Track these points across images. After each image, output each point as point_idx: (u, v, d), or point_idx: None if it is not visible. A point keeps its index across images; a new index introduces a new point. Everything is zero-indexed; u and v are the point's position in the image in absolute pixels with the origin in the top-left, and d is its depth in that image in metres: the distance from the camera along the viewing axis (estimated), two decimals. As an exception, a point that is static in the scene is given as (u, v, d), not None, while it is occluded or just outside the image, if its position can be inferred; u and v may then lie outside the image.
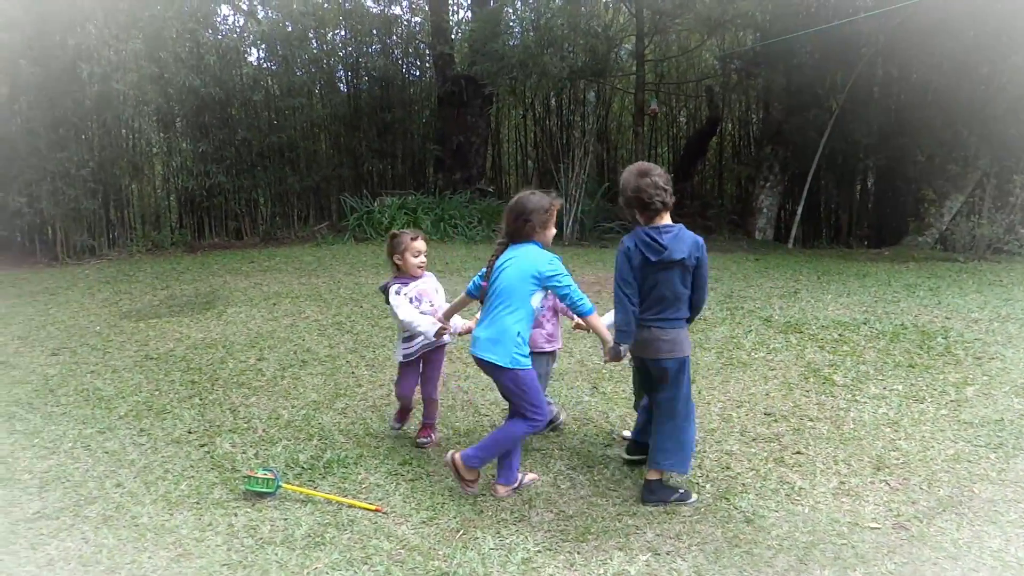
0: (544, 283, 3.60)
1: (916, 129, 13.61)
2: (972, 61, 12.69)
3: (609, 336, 3.59)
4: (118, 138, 12.93)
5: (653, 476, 3.64)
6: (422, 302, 4.24)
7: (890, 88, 15.07)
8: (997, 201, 12.05)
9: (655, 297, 3.53)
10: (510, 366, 3.57)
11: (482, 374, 5.59)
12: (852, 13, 12.54)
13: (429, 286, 4.33)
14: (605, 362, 3.91)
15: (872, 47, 13.33)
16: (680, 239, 3.49)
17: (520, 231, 3.66)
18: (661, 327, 3.54)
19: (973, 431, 4.32)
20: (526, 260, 3.60)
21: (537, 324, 4.11)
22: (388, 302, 4.20)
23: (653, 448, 3.64)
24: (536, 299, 3.66)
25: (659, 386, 3.63)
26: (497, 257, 3.69)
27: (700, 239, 3.56)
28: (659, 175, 3.53)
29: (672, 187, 3.60)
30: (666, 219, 3.55)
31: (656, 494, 3.60)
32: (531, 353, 3.75)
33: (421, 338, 4.20)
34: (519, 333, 3.60)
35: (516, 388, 3.62)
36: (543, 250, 3.68)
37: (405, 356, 4.30)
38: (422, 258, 4.26)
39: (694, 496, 3.63)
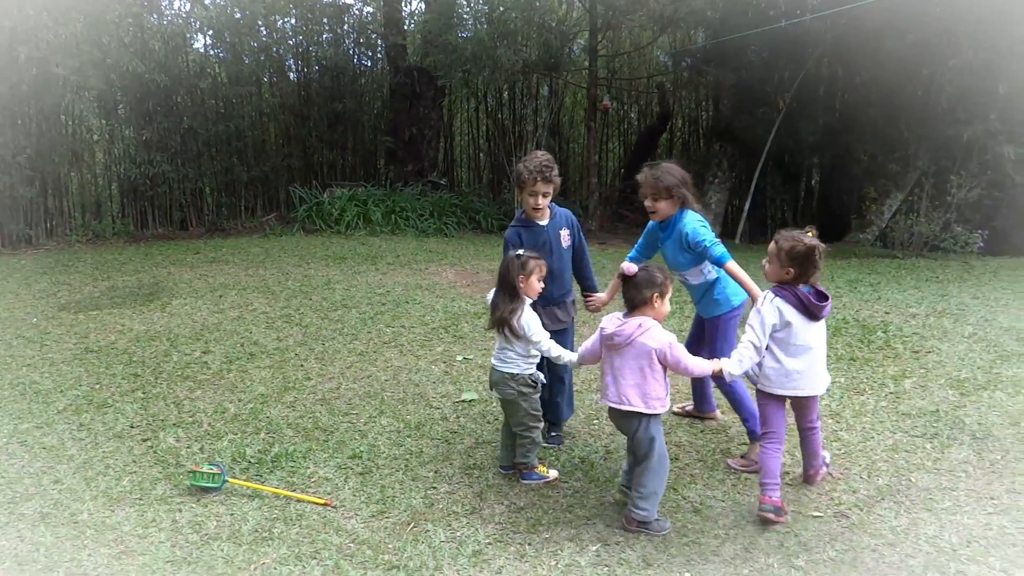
0: None
1: (860, 128, 13.94)
2: (913, 63, 13.04)
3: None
4: (57, 124, 12.49)
5: None
6: None
7: (835, 88, 15.41)
8: (934, 200, 12.42)
9: None
10: None
11: (434, 367, 5.59)
12: (800, 14, 12.77)
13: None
14: None
15: (819, 47, 13.60)
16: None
17: None
18: None
19: (911, 422, 4.46)
20: None
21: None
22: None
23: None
24: None
25: None
26: None
27: None
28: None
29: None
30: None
31: None
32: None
33: None
34: None
35: None
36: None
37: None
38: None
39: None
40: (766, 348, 3.46)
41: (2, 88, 11.03)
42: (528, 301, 3.68)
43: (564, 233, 4.17)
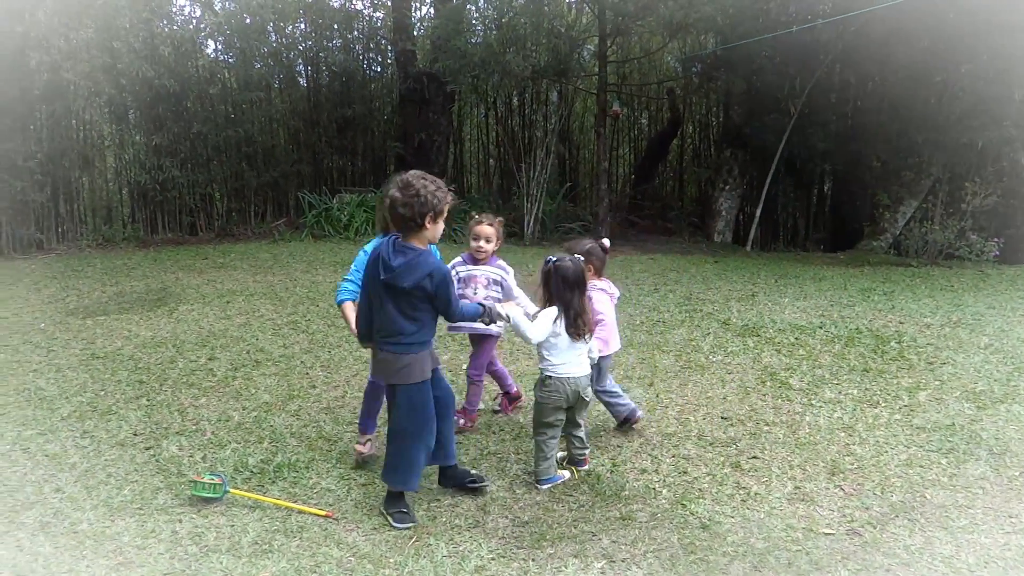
0: None
1: (872, 135, 13.85)
2: (926, 69, 12.95)
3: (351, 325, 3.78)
4: (68, 129, 12.57)
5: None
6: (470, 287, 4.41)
7: (847, 94, 15.33)
8: (949, 207, 12.32)
9: (378, 318, 3.46)
10: None
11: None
12: (811, 19, 12.70)
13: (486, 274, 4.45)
14: None
15: (830, 53, 13.52)
16: (407, 263, 3.33)
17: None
18: (389, 352, 3.44)
19: (925, 436, 4.37)
20: None
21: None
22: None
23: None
24: None
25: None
26: None
27: (438, 269, 3.39)
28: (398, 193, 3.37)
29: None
30: (414, 240, 3.41)
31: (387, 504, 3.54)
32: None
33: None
34: None
35: None
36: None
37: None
38: (482, 243, 4.44)
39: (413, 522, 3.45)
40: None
41: (13, 93, 11.10)
42: None
43: None
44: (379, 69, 16.85)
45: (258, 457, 4.16)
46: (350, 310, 3.80)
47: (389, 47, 16.06)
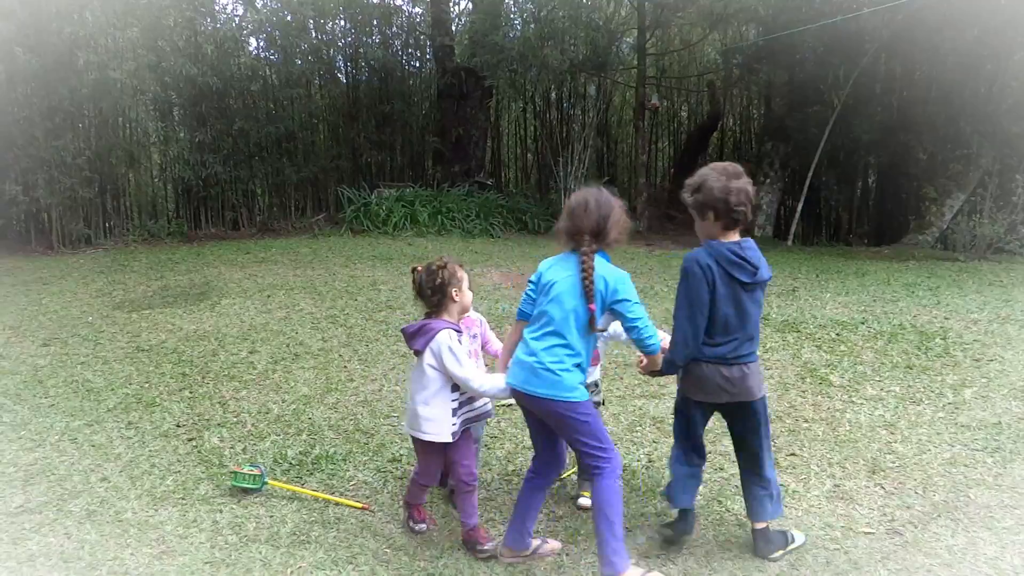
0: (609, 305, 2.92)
1: (918, 126, 13.53)
2: (976, 58, 12.61)
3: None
4: (115, 127, 12.83)
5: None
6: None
7: (893, 85, 14.99)
8: (999, 200, 11.99)
9: (746, 327, 2.96)
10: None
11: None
12: (856, 8, 12.43)
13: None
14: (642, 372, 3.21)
15: (875, 43, 13.23)
16: (760, 256, 3.01)
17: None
18: (754, 361, 3.01)
19: (970, 434, 4.27)
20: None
21: None
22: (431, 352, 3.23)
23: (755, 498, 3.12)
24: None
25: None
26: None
27: None
28: (750, 183, 2.99)
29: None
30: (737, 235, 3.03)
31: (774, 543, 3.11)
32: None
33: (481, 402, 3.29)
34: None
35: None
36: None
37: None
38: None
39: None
40: None
41: (63, 92, 11.36)
42: None
43: None
44: (417, 65, 16.91)
45: (297, 449, 4.23)
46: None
47: (427, 42, 16.11)
